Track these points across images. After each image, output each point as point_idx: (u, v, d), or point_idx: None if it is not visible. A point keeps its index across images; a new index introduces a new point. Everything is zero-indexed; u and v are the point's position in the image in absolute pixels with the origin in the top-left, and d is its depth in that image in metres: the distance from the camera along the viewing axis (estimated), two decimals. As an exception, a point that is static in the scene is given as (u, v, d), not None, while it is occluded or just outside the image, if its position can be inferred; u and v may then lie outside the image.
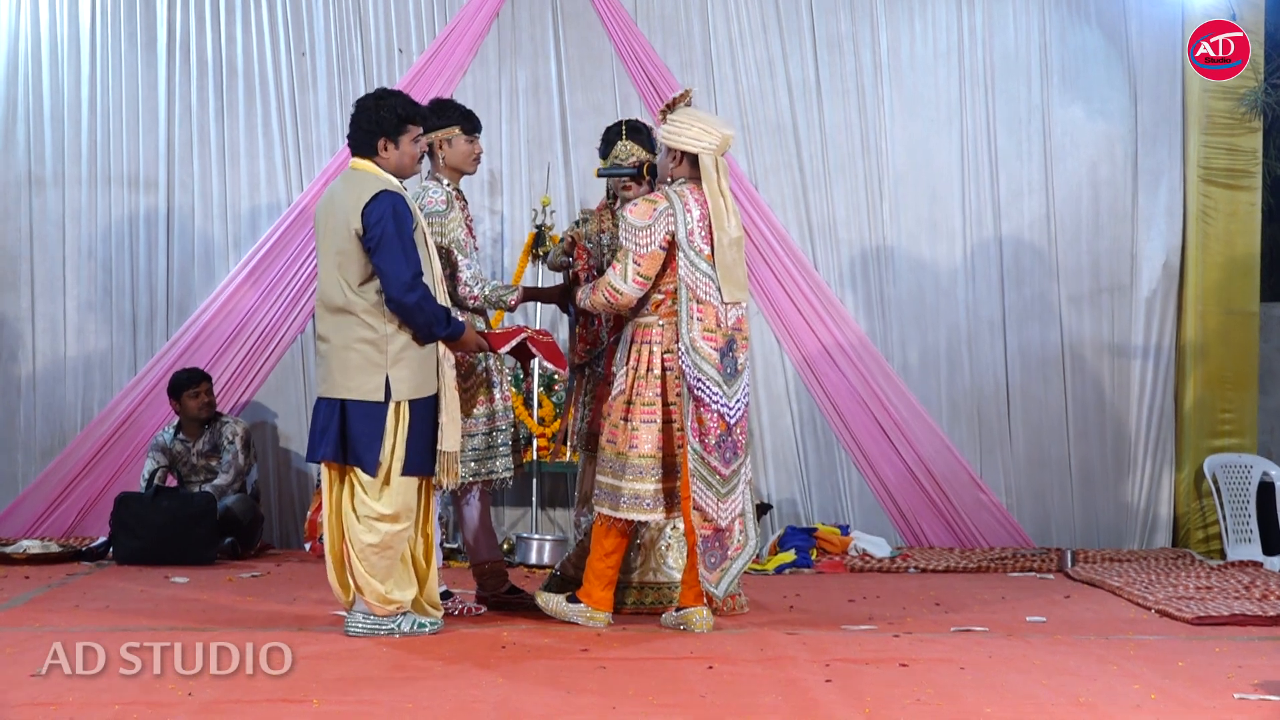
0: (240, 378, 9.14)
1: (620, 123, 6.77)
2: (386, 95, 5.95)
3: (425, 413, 5.85)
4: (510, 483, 6.54)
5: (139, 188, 9.26)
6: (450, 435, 5.91)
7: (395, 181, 5.86)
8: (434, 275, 5.90)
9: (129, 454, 9.02)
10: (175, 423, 8.76)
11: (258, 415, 9.24)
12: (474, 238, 6.50)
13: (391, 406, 5.76)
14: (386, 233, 5.66)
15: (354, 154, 5.93)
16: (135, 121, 9.29)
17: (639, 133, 6.68)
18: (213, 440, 8.70)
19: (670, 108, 6.12)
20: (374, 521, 5.74)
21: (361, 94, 7.21)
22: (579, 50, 9.35)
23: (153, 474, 8.44)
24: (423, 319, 5.75)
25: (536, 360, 6.44)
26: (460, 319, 6.02)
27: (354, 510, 5.77)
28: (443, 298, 5.94)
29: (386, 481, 5.76)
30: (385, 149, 5.86)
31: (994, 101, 9.25)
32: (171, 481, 8.61)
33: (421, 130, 6.03)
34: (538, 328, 6.85)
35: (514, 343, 6.24)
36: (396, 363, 5.76)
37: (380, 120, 5.83)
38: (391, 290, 5.69)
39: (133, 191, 9.27)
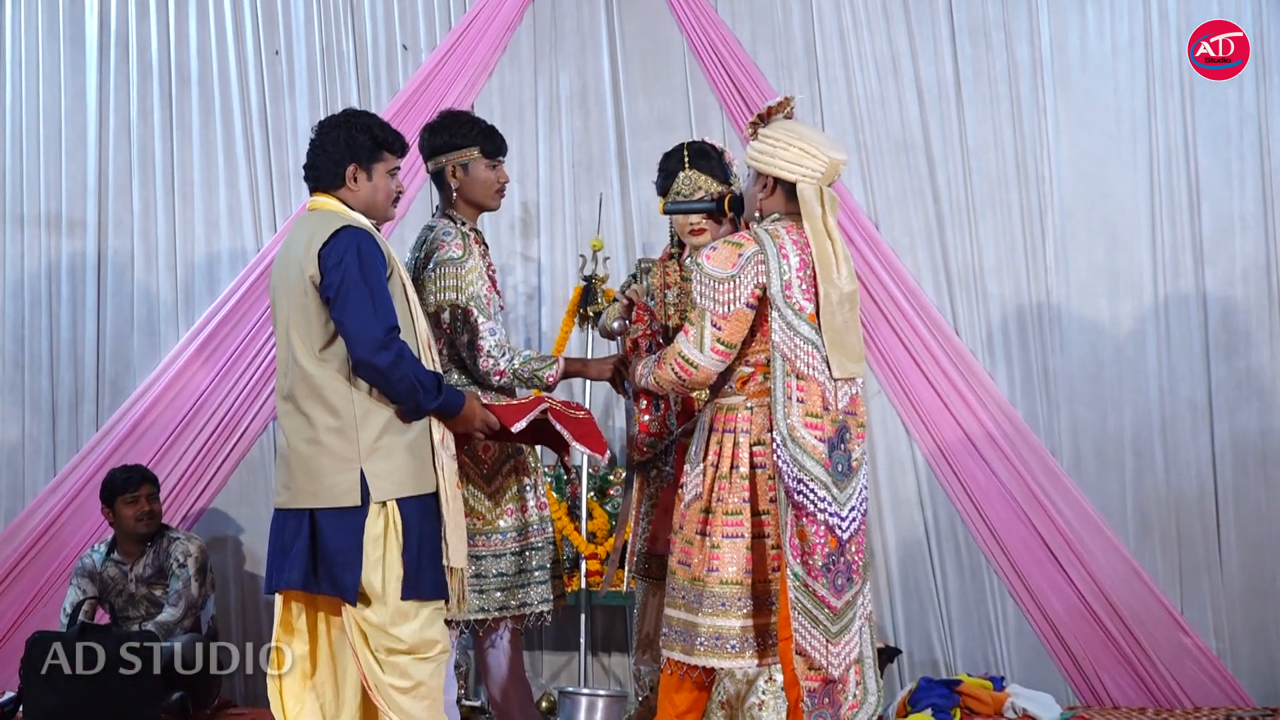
0: (193, 480, 9.23)
1: (682, 146, 6.66)
2: (357, 115, 6.06)
3: (429, 515, 5.81)
4: (549, 618, 6.53)
5: (60, 229, 9.51)
6: (455, 548, 5.86)
7: (363, 219, 5.89)
8: (419, 338, 5.88)
9: (46, 580, 9.12)
10: (108, 539, 8.78)
11: (215, 529, 9.30)
12: (499, 293, 6.50)
13: (373, 511, 5.69)
14: (349, 277, 5.64)
15: (314, 190, 5.98)
16: (56, 142, 9.59)
17: (707, 158, 6.60)
18: (157, 562, 8.70)
19: (763, 119, 6.02)
20: (399, 657, 5.71)
21: (354, 104, 7.23)
22: (641, 45, 9.50)
23: (77, 607, 8.41)
24: (403, 386, 5.67)
25: (585, 454, 6.30)
26: (458, 389, 6.00)
27: (369, 647, 5.73)
28: (431, 366, 5.89)
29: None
30: (355, 180, 5.93)
31: (1193, 110, 9.19)
32: (103, 617, 8.60)
33: (399, 163, 6.08)
34: (565, 399, 6.73)
35: (532, 415, 6.11)
36: (373, 453, 5.69)
37: (351, 143, 5.89)
38: (358, 350, 5.63)
39: (52, 234, 9.52)
